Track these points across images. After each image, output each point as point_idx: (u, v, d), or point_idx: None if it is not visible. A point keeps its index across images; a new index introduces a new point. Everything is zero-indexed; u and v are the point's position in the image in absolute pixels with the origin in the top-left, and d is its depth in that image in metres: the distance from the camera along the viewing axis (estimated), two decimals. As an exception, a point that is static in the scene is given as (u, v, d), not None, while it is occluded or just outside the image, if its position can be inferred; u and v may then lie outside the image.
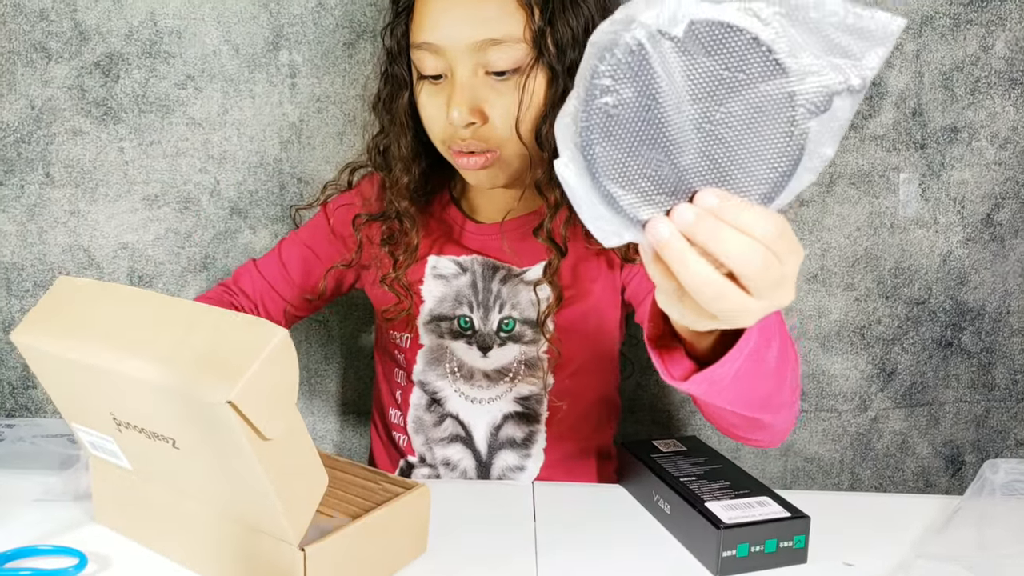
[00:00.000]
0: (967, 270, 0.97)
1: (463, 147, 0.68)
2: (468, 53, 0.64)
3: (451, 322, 0.76)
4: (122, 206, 0.90)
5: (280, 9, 0.87)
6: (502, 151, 0.68)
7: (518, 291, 0.75)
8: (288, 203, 0.92)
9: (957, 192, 0.95)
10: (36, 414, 0.93)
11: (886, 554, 0.58)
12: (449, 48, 0.65)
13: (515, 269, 0.76)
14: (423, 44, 0.66)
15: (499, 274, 0.76)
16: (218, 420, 0.42)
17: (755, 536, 0.55)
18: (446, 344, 0.77)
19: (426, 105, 0.69)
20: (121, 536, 0.58)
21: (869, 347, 0.98)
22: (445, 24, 0.65)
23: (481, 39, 0.64)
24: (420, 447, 0.79)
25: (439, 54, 0.66)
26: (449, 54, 0.65)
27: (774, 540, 0.56)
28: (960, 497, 0.63)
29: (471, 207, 0.79)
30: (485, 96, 0.66)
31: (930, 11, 0.91)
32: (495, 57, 0.64)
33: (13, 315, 0.91)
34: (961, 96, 0.93)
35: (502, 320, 0.75)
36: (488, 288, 0.76)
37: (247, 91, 0.89)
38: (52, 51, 0.86)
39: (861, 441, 1.00)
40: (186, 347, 0.44)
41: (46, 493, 0.63)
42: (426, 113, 0.69)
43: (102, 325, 0.49)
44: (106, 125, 0.88)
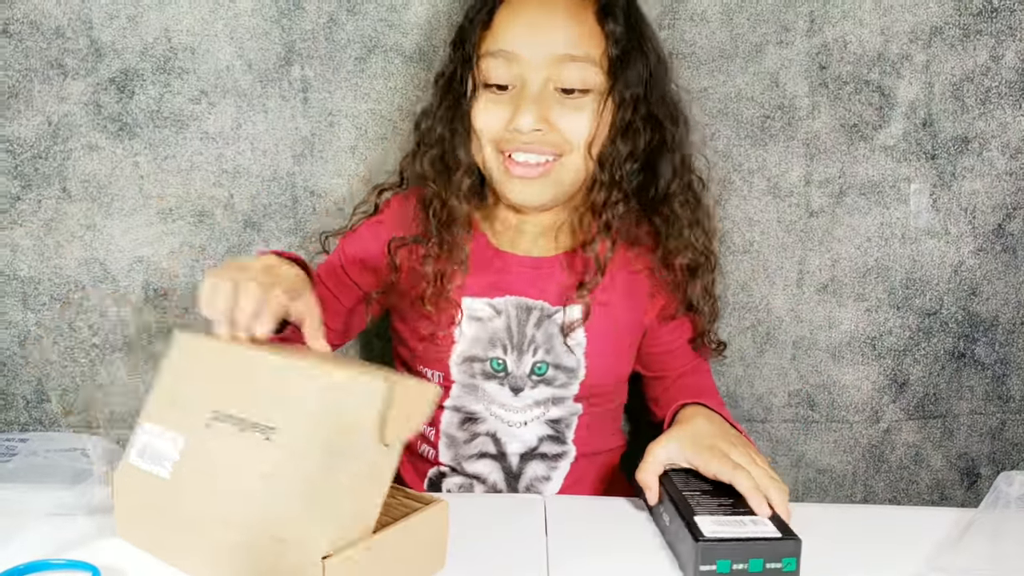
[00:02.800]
0: (979, 281, 0.97)
1: (523, 149, 0.70)
2: (545, 66, 0.68)
3: (484, 364, 0.76)
4: (137, 220, 0.91)
5: (292, 25, 0.88)
6: (561, 160, 0.71)
7: (552, 336, 0.76)
8: (301, 216, 0.93)
9: (968, 202, 0.95)
10: (50, 428, 0.94)
11: (900, 567, 0.58)
12: (528, 58, 0.68)
13: (548, 308, 0.76)
14: (500, 52, 0.69)
15: (533, 316, 0.76)
16: (360, 406, 0.50)
17: (737, 553, 0.54)
18: (477, 383, 0.77)
19: (483, 113, 0.71)
20: (135, 550, 0.58)
21: (880, 358, 0.98)
22: (529, 35, 0.68)
23: (561, 54, 0.68)
24: (449, 461, 0.80)
25: (514, 63, 0.68)
26: (525, 64, 0.68)
27: (760, 560, 0.54)
28: (974, 510, 0.62)
29: (498, 240, 0.79)
30: (552, 109, 0.69)
31: (939, 22, 0.91)
32: (568, 74, 0.68)
33: (29, 328, 0.92)
34: (971, 106, 0.93)
35: (535, 364, 0.76)
36: (523, 332, 0.76)
37: (260, 106, 0.90)
38: (68, 68, 0.88)
39: (874, 453, 1.00)
40: (351, 366, 0.54)
41: (59, 507, 0.63)
42: (482, 120, 0.71)
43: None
44: (121, 140, 0.90)
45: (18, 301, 0.92)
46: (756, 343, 0.98)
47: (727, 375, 0.99)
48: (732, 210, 0.95)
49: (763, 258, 0.96)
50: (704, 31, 0.91)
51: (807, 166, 0.94)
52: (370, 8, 0.88)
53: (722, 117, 0.93)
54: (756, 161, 0.94)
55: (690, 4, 0.90)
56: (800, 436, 1.00)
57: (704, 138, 0.92)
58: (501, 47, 0.69)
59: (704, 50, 0.91)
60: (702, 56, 0.91)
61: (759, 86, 0.92)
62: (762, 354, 0.98)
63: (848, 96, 0.93)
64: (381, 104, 0.90)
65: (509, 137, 0.70)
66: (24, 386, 0.94)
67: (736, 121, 0.93)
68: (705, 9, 0.90)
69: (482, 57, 0.70)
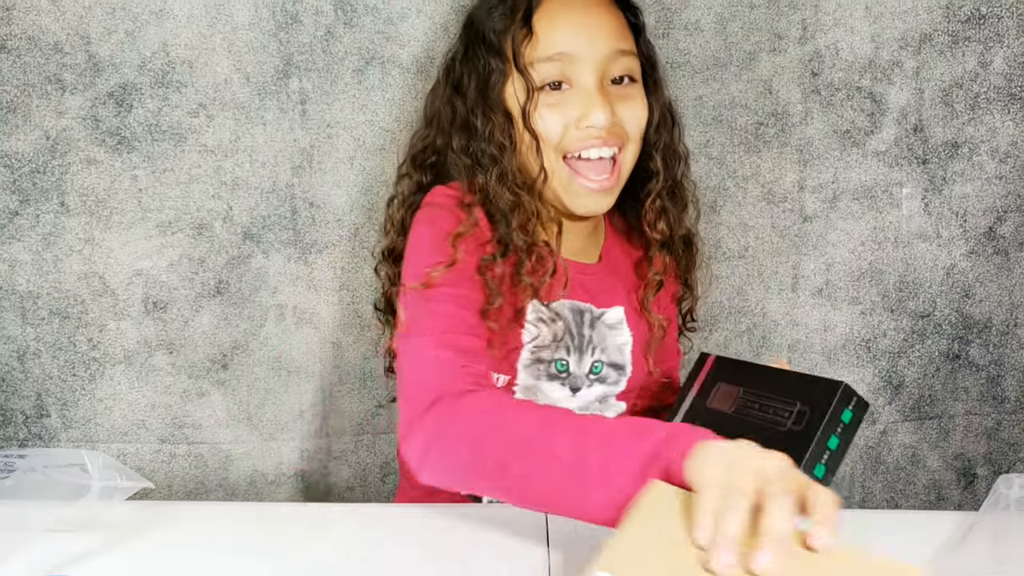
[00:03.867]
0: (972, 283, 0.98)
1: (597, 144, 0.71)
2: (602, 62, 0.71)
3: (549, 365, 0.77)
4: (136, 233, 0.91)
5: (290, 38, 0.89)
6: (623, 157, 0.74)
7: (604, 335, 0.79)
8: (300, 228, 0.93)
9: (959, 206, 0.96)
10: (49, 443, 0.94)
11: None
12: (587, 56, 0.70)
13: (595, 311, 0.79)
14: (556, 55, 0.70)
15: (586, 318, 0.78)
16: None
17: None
18: (541, 385, 0.78)
19: (547, 116, 0.72)
20: (134, 567, 0.58)
21: (875, 360, 0.99)
22: (582, 34, 0.71)
23: (615, 49, 0.71)
24: None
25: (571, 63, 0.70)
26: (584, 63, 0.70)
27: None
28: (975, 513, 0.63)
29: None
30: (612, 101, 0.72)
31: (929, 29, 0.92)
32: (619, 66, 0.72)
33: (28, 343, 0.92)
34: (961, 112, 0.94)
35: (593, 363, 0.78)
36: (581, 333, 0.78)
37: (258, 118, 0.90)
38: (66, 82, 0.88)
39: (871, 455, 1.01)
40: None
41: (58, 523, 0.63)
42: (547, 123, 0.72)
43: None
44: (120, 154, 0.90)
45: (17, 316, 0.92)
46: (752, 347, 0.99)
47: (725, 379, 1.00)
48: (727, 216, 0.96)
49: (758, 263, 0.97)
50: (698, 40, 0.92)
51: (800, 172, 0.95)
52: (367, 21, 0.89)
53: (716, 124, 0.94)
54: (750, 167, 0.95)
55: (684, 14, 0.91)
56: (798, 439, 1.00)
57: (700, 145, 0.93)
58: (557, 51, 0.70)
59: (698, 59, 0.92)
60: (696, 65, 0.93)
61: (752, 93, 0.93)
62: (758, 357, 0.99)
63: (840, 102, 0.94)
64: (379, 116, 0.91)
65: (578, 136, 0.71)
66: (23, 401, 0.93)
67: (730, 128, 0.94)
68: (699, 18, 0.91)
69: (534, 64, 0.71)
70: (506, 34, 0.72)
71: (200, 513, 0.69)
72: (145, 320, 0.93)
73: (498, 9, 0.74)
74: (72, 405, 0.94)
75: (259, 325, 0.95)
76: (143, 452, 0.95)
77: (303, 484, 0.99)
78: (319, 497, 0.99)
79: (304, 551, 0.61)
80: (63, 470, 0.71)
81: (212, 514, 0.69)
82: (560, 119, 0.71)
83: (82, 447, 0.94)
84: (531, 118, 0.72)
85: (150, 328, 0.93)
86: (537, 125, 0.72)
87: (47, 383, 0.93)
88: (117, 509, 0.62)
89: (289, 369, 0.95)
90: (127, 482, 0.62)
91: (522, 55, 0.71)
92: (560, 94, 0.71)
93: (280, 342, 0.95)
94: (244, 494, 0.97)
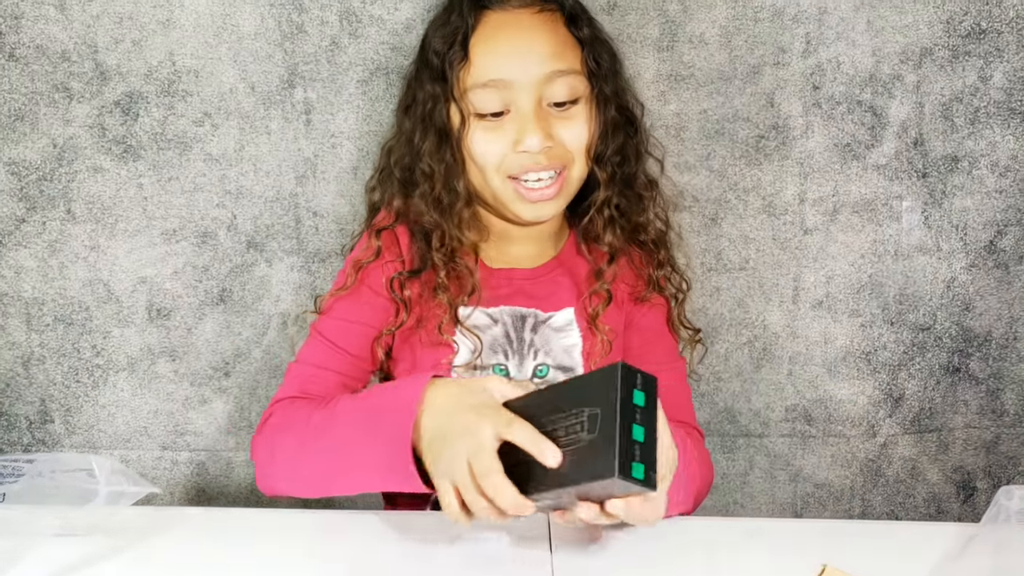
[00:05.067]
0: (972, 296, 0.98)
1: (535, 169, 0.71)
2: (537, 86, 0.70)
3: (486, 372, 0.77)
4: (141, 241, 0.92)
5: (295, 48, 0.90)
6: (568, 172, 0.73)
7: (548, 338, 0.78)
8: (303, 237, 0.94)
9: (959, 219, 0.97)
10: (53, 448, 0.94)
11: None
12: (521, 82, 0.70)
13: (540, 315, 0.78)
14: (490, 82, 0.70)
15: (528, 322, 0.78)
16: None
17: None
18: None
19: (482, 142, 0.72)
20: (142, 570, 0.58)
21: (876, 373, 0.99)
22: (516, 59, 0.70)
23: (550, 71, 0.70)
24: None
25: (507, 90, 0.70)
26: (518, 88, 0.70)
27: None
28: (975, 524, 0.63)
29: (489, 258, 0.80)
30: (550, 123, 0.71)
31: (929, 43, 0.93)
32: (559, 88, 0.71)
33: (32, 349, 0.92)
34: (961, 126, 0.95)
35: (536, 367, 0.78)
36: (521, 337, 0.77)
37: (263, 128, 0.91)
38: (74, 91, 0.88)
39: (871, 467, 1.01)
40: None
41: (66, 528, 0.63)
42: (482, 149, 0.72)
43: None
44: (126, 162, 0.90)
45: (22, 322, 0.92)
46: (753, 359, 0.99)
47: (724, 390, 1.00)
48: (728, 228, 0.97)
49: (759, 275, 0.98)
50: (703, 53, 0.92)
51: (801, 185, 0.96)
52: (372, 31, 0.90)
53: (718, 137, 0.95)
54: (751, 180, 0.96)
55: (689, 27, 0.92)
56: (798, 451, 1.01)
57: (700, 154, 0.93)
58: (491, 77, 0.70)
59: (703, 72, 0.93)
60: (701, 78, 0.93)
61: (755, 106, 0.94)
62: (759, 370, 0.99)
63: (841, 116, 0.94)
64: (383, 126, 0.91)
65: (517, 161, 0.71)
66: (28, 407, 0.94)
67: (731, 141, 0.95)
68: (704, 31, 0.92)
69: (469, 91, 0.71)
70: (446, 58, 0.72)
71: (206, 518, 0.70)
72: (148, 327, 0.93)
73: (440, 32, 0.74)
74: (76, 411, 0.94)
75: (262, 333, 0.95)
76: (145, 459, 0.96)
77: (304, 492, 0.99)
78: (319, 507, 0.99)
79: (305, 557, 0.61)
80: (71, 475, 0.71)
81: (218, 519, 0.70)
82: (498, 144, 0.71)
83: (86, 452, 0.94)
84: (463, 144, 0.72)
85: (153, 335, 0.94)
86: (474, 152, 0.72)
87: (51, 389, 0.93)
88: (124, 514, 0.62)
89: (291, 377, 0.96)
90: (134, 487, 0.63)
91: (459, 81, 0.71)
92: (499, 120, 0.71)
93: (282, 350, 0.95)
94: (245, 502, 0.98)
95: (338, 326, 0.76)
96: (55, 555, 0.59)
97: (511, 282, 0.79)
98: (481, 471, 0.52)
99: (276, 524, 0.68)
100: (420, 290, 0.76)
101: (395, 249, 0.77)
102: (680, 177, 0.95)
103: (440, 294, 0.74)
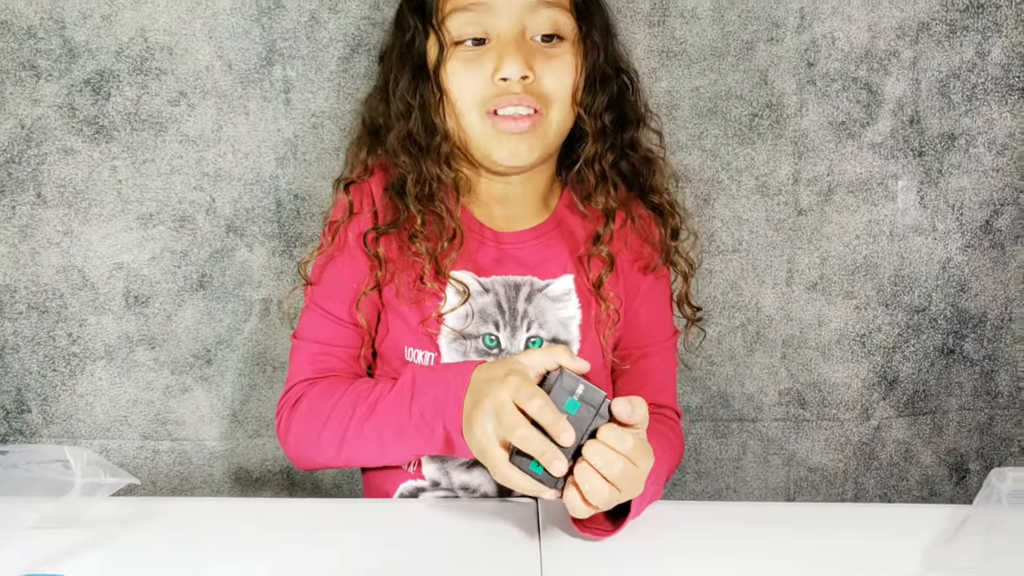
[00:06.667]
0: (967, 277, 0.97)
1: (512, 101, 0.68)
2: (520, 12, 0.68)
3: (476, 341, 0.74)
4: (116, 225, 0.89)
5: (272, 24, 0.86)
6: (548, 112, 0.70)
7: (543, 309, 0.75)
8: (284, 220, 0.91)
9: (955, 199, 0.95)
10: (30, 439, 0.92)
11: (895, 565, 0.58)
12: (502, 6, 0.67)
13: (537, 282, 0.75)
14: (471, 4, 0.67)
15: (523, 292, 0.74)
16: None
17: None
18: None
19: (461, 71, 0.69)
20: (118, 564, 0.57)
21: (870, 355, 0.98)
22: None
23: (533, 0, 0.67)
24: (434, 472, 0.76)
25: (487, 13, 0.67)
26: (498, 14, 0.67)
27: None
28: (968, 506, 0.63)
29: (480, 213, 0.77)
30: (534, 57, 0.68)
31: (926, 18, 0.91)
32: (543, 19, 0.68)
33: (6, 338, 0.90)
34: (958, 103, 0.93)
35: (529, 339, 0.74)
36: (514, 308, 0.74)
37: (241, 107, 0.88)
38: (41, 69, 0.85)
39: (864, 451, 1.00)
40: None
41: (42, 520, 0.62)
42: (460, 79, 0.69)
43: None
44: (98, 144, 0.87)
45: (-6, 310, 0.90)
46: (746, 342, 0.98)
47: (717, 374, 0.99)
48: (720, 209, 0.95)
49: (752, 257, 0.96)
50: (695, 28, 0.90)
51: (795, 164, 0.94)
52: (352, 6, 0.86)
53: (711, 116, 0.93)
54: (744, 160, 0.94)
55: (680, 1, 0.89)
56: (791, 435, 1.00)
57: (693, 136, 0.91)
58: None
59: (695, 48, 0.91)
60: (693, 54, 0.91)
61: (748, 84, 0.92)
62: (752, 353, 0.98)
63: (836, 93, 0.92)
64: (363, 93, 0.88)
65: (495, 91, 0.68)
66: (3, 396, 0.91)
67: (724, 120, 0.93)
68: (696, 6, 0.89)
69: (448, 15, 0.68)
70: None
71: (185, 509, 0.68)
72: (126, 315, 0.91)
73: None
74: (53, 400, 0.92)
75: (243, 320, 0.93)
76: (126, 448, 0.94)
77: (289, 482, 0.97)
78: (305, 496, 0.98)
79: (292, 547, 0.60)
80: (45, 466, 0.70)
81: (198, 510, 0.69)
82: (477, 74, 0.69)
83: (64, 443, 0.92)
84: (441, 75, 0.69)
85: (131, 323, 0.91)
86: (448, 83, 0.69)
87: (27, 378, 0.91)
88: (100, 505, 0.61)
89: (274, 365, 0.93)
90: (111, 478, 0.61)
91: (439, 7, 0.69)
92: (478, 50, 0.69)
93: (265, 337, 0.93)
94: (229, 491, 0.96)
95: (331, 295, 0.74)
96: (31, 548, 0.58)
97: (499, 246, 0.75)
98: (509, 425, 0.55)
99: (260, 513, 0.67)
100: (399, 246, 0.72)
101: (368, 202, 0.74)
102: (672, 157, 0.93)
103: (418, 243, 0.70)
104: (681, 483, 1.00)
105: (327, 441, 0.69)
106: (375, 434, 0.67)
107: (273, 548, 0.60)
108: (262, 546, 0.60)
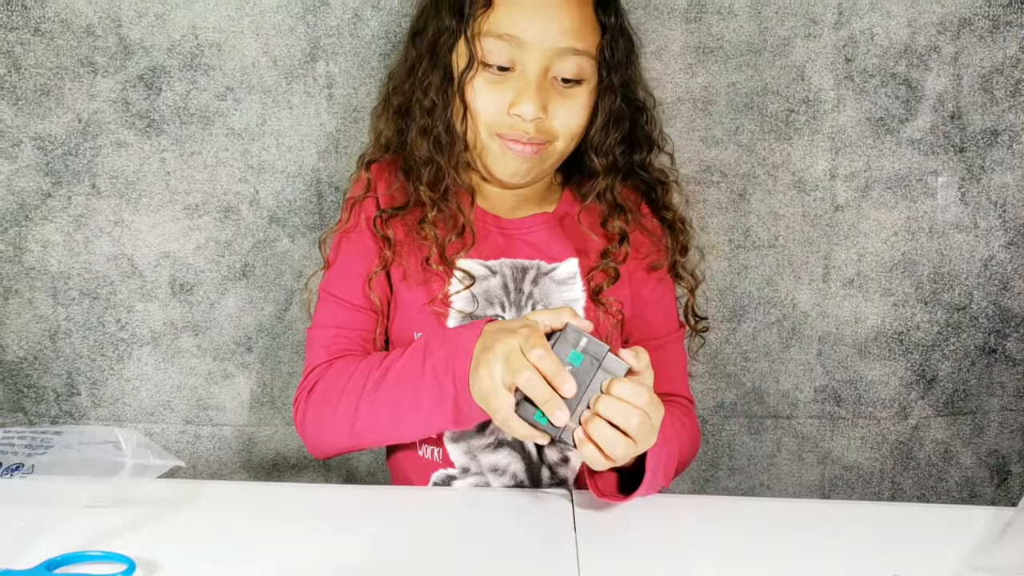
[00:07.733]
0: (1010, 275, 0.95)
1: (522, 138, 0.71)
2: (549, 55, 0.69)
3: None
4: (164, 216, 0.92)
5: (317, 21, 0.89)
6: (553, 143, 0.73)
7: (549, 291, 0.76)
8: (325, 212, 0.93)
9: (998, 196, 0.94)
10: (80, 420, 0.95)
11: (934, 566, 0.57)
12: (535, 46, 0.69)
13: (544, 266, 0.76)
14: (505, 35, 0.69)
15: (529, 275, 0.76)
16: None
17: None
18: None
19: (483, 92, 0.71)
20: (168, 542, 0.58)
21: (908, 353, 0.97)
22: (536, 22, 0.69)
23: (565, 46, 0.69)
24: (461, 457, 0.77)
25: (519, 48, 0.69)
26: (531, 51, 0.69)
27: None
28: (1011, 509, 0.61)
29: (487, 204, 0.79)
30: (550, 96, 0.70)
31: (968, 13, 0.90)
32: (569, 65, 0.70)
33: (59, 323, 0.93)
34: (1001, 99, 0.92)
35: None
36: (520, 289, 0.76)
37: (285, 102, 0.90)
38: (98, 66, 0.89)
39: (902, 450, 0.99)
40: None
41: (94, 499, 0.64)
42: (481, 99, 0.71)
43: None
44: (149, 137, 0.90)
45: (49, 296, 0.93)
46: (782, 338, 0.97)
47: (752, 371, 0.98)
48: (757, 204, 0.95)
49: (788, 253, 0.96)
50: (732, 25, 0.90)
51: (832, 160, 0.93)
52: (394, 3, 0.88)
53: (747, 111, 0.92)
54: (781, 155, 0.94)
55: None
56: (827, 432, 0.99)
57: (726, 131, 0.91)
58: (507, 31, 0.69)
59: (732, 44, 0.91)
60: (729, 51, 0.91)
61: (785, 79, 0.91)
62: (788, 349, 0.97)
63: (874, 89, 0.92)
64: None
65: (508, 123, 0.70)
66: (55, 379, 0.95)
67: (761, 115, 0.93)
68: (732, 2, 0.90)
69: (482, 36, 0.70)
70: (486, 4, 0.70)
71: (228, 491, 0.70)
72: (172, 302, 0.94)
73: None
74: (101, 384, 0.95)
75: (284, 308, 0.95)
76: (168, 432, 0.96)
77: (325, 468, 0.99)
78: (340, 483, 1.00)
79: (327, 533, 0.61)
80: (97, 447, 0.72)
81: (241, 493, 0.70)
82: (496, 99, 0.70)
83: (111, 425, 0.95)
84: (465, 89, 0.71)
85: (176, 310, 0.94)
86: (474, 100, 0.71)
87: (77, 362, 0.94)
88: (149, 486, 0.62)
89: (313, 353, 0.95)
90: (159, 460, 0.63)
91: (475, 22, 0.70)
92: (503, 75, 0.70)
93: (304, 326, 0.95)
94: (267, 477, 0.98)
95: (343, 280, 0.76)
96: (84, 527, 0.60)
97: (505, 232, 0.77)
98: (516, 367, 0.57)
99: (298, 499, 0.68)
100: (407, 228, 0.75)
101: (384, 184, 0.76)
102: (708, 152, 0.93)
103: (427, 228, 0.73)
104: (714, 479, 1.00)
105: (342, 414, 0.69)
106: (388, 400, 0.67)
107: (308, 534, 0.60)
108: (298, 532, 0.61)
